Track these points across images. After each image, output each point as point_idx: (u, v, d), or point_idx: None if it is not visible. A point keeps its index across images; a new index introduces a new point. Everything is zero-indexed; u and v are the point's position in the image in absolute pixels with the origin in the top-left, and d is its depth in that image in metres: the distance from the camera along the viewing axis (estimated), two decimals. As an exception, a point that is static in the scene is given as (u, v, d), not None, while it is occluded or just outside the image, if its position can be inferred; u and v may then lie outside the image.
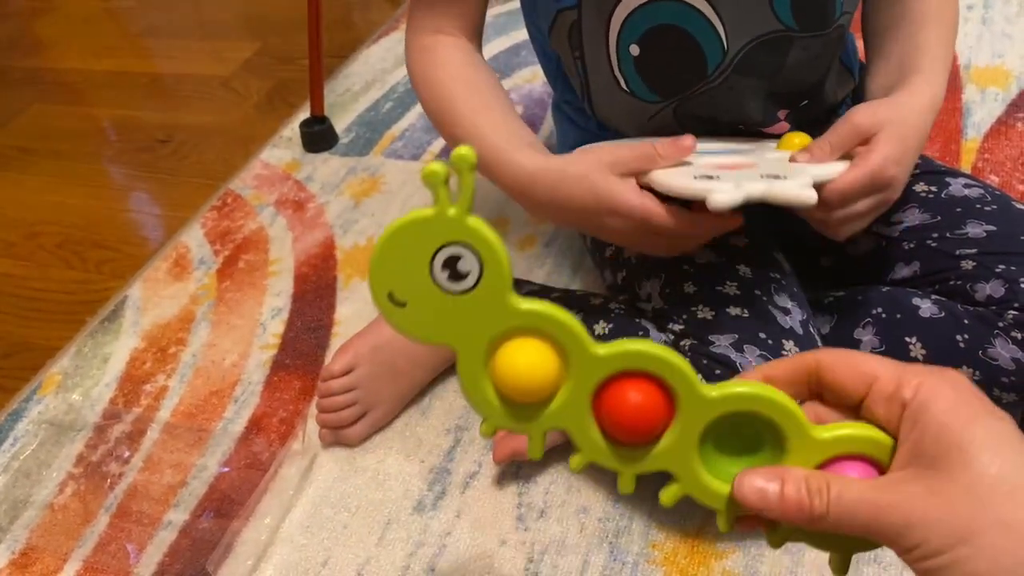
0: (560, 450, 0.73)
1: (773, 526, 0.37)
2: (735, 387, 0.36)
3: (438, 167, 0.33)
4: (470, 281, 0.35)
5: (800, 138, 0.62)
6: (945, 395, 0.32)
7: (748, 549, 0.65)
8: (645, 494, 0.70)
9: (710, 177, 0.53)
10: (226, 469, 0.77)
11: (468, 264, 0.35)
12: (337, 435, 0.77)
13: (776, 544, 0.37)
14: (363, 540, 0.70)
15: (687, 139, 0.57)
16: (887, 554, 0.63)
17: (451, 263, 0.35)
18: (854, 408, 0.35)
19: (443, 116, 0.67)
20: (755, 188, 0.50)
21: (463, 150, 0.33)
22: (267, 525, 0.71)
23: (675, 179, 0.54)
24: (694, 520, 0.67)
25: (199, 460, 0.79)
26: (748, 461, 0.37)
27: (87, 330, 0.96)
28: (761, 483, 0.34)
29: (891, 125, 0.56)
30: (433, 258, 0.35)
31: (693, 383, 0.36)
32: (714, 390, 0.36)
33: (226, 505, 0.74)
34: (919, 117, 0.58)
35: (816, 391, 0.37)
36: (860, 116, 0.57)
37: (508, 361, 0.36)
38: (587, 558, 0.66)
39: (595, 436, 0.37)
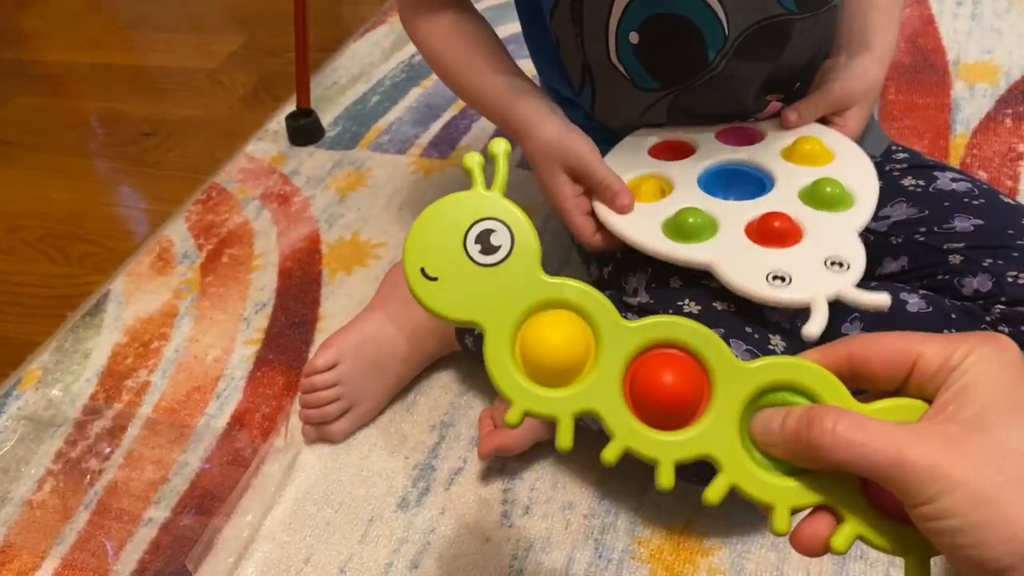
0: (545, 447, 0.72)
1: (838, 524, 0.33)
2: (772, 357, 0.34)
3: (475, 155, 0.38)
4: (502, 253, 0.36)
5: (812, 144, 0.62)
6: (987, 358, 0.30)
7: (734, 546, 0.65)
8: (630, 490, 0.69)
9: (782, 279, 0.54)
10: (208, 465, 0.76)
11: (500, 238, 0.37)
12: (320, 431, 0.76)
13: (841, 547, 0.33)
14: (346, 537, 0.69)
15: (626, 198, 0.62)
16: (874, 551, 0.62)
17: (484, 237, 0.37)
18: (893, 394, 0.33)
19: (455, 77, 0.73)
20: (833, 291, 0.53)
21: (498, 140, 0.38)
22: (249, 522, 0.71)
23: (744, 279, 0.55)
24: (680, 517, 0.67)
25: (181, 456, 0.78)
26: None
27: (68, 325, 0.95)
28: (768, 415, 0.33)
29: (863, 99, 0.66)
30: (467, 234, 0.37)
31: (727, 355, 0.34)
32: (748, 364, 0.34)
33: (207, 502, 0.73)
34: (878, 85, 0.68)
35: (849, 383, 0.34)
36: (842, 91, 0.65)
37: (539, 334, 0.36)
38: (572, 555, 0.66)
39: (629, 419, 0.35)
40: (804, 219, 0.57)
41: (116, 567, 0.70)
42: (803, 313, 0.54)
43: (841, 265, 0.54)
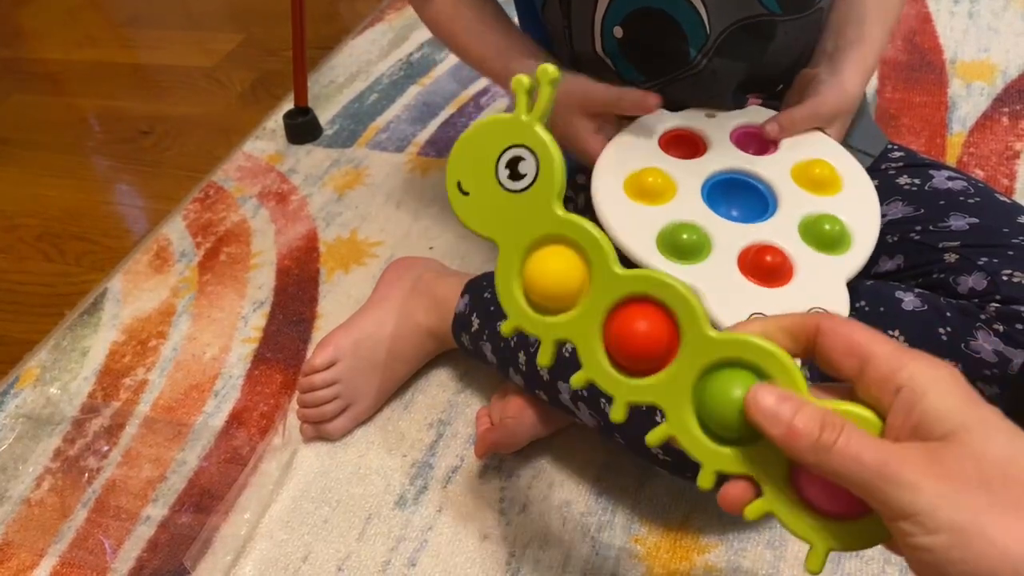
0: (542, 444, 0.72)
1: (757, 493, 0.36)
2: (740, 333, 0.36)
3: (524, 78, 0.39)
4: (526, 182, 0.40)
5: (822, 168, 0.62)
6: (943, 380, 0.31)
7: (731, 543, 0.65)
8: (627, 488, 0.69)
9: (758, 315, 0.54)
10: (206, 464, 0.76)
11: (527, 167, 0.39)
12: (318, 430, 0.76)
13: (751, 516, 0.36)
14: (344, 535, 0.70)
15: (653, 98, 0.62)
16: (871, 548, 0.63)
17: (513, 163, 0.40)
18: (847, 390, 0.35)
19: (460, 51, 0.75)
20: None
21: (547, 66, 0.38)
22: (246, 520, 0.71)
23: (728, 317, 0.54)
24: (676, 515, 0.67)
25: (178, 455, 0.78)
26: (739, 424, 0.36)
27: (66, 323, 0.95)
28: (775, 402, 0.33)
29: (844, 114, 0.65)
30: (500, 157, 0.40)
31: (701, 321, 0.36)
32: (720, 334, 0.36)
33: (205, 500, 0.73)
34: (860, 96, 0.67)
35: (811, 354, 0.36)
36: (827, 108, 0.64)
37: (540, 262, 0.39)
38: (569, 552, 0.66)
39: (600, 356, 0.38)
40: (798, 257, 0.58)
41: (114, 565, 0.70)
42: None
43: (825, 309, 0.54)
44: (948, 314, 0.61)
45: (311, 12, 1.14)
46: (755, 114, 0.67)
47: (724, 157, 0.64)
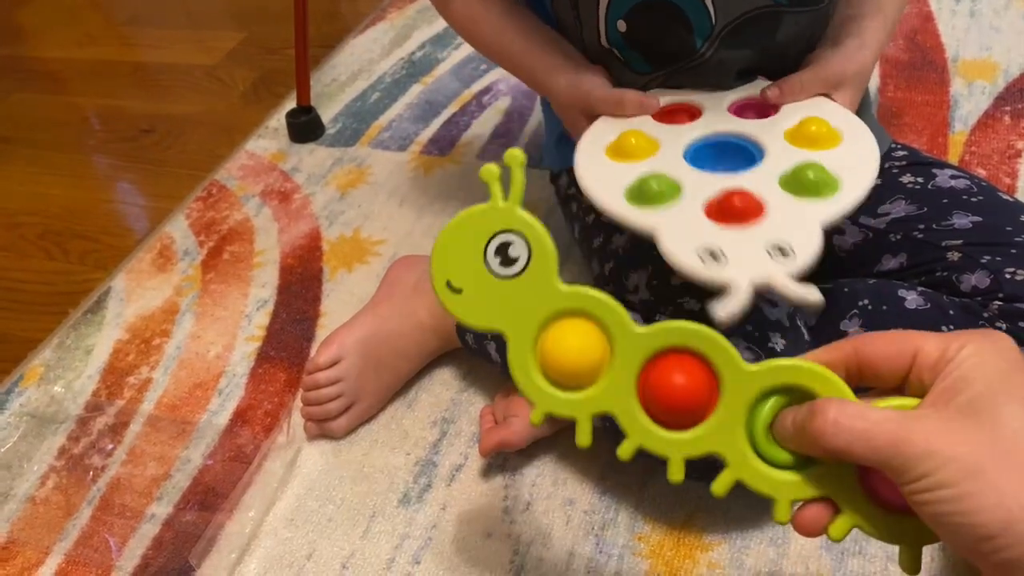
0: (546, 442, 0.73)
1: (835, 512, 0.36)
2: (776, 360, 0.36)
3: (493, 167, 0.39)
4: (519, 265, 0.39)
5: (818, 125, 0.58)
6: (987, 350, 0.32)
7: (734, 541, 0.65)
8: (631, 486, 0.70)
9: (715, 256, 0.50)
10: (210, 462, 0.77)
11: (518, 250, 0.39)
12: (322, 428, 0.76)
13: (838, 535, 0.35)
14: (348, 533, 0.70)
15: (653, 100, 0.62)
16: (872, 544, 0.63)
17: (503, 250, 0.39)
18: (896, 389, 0.35)
19: (489, 44, 0.75)
20: (761, 277, 0.48)
21: (514, 151, 0.38)
22: (251, 518, 0.71)
23: (677, 249, 0.51)
24: (680, 513, 0.67)
25: (183, 453, 0.78)
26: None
27: (70, 322, 0.95)
28: (782, 414, 0.34)
29: (852, 81, 0.63)
30: (487, 247, 0.39)
31: (735, 358, 0.36)
32: (756, 365, 0.36)
33: (210, 498, 0.74)
34: (870, 68, 0.65)
35: (855, 380, 0.36)
36: (831, 71, 0.62)
37: (557, 340, 0.39)
38: (573, 550, 0.66)
39: (642, 419, 0.38)
40: (772, 201, 0.53)
41: (119, 563, 0.70)
42: (803, 310, 0.53)
43: (784, 253, 0.49)
44: (951, 312, 0.61)
45: (313, 10, 1.14)
46: (759, 87, 0.65)
47: (715, 123, 0.62)
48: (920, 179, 0.69)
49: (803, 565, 0.63)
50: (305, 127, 1.17)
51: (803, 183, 0.53)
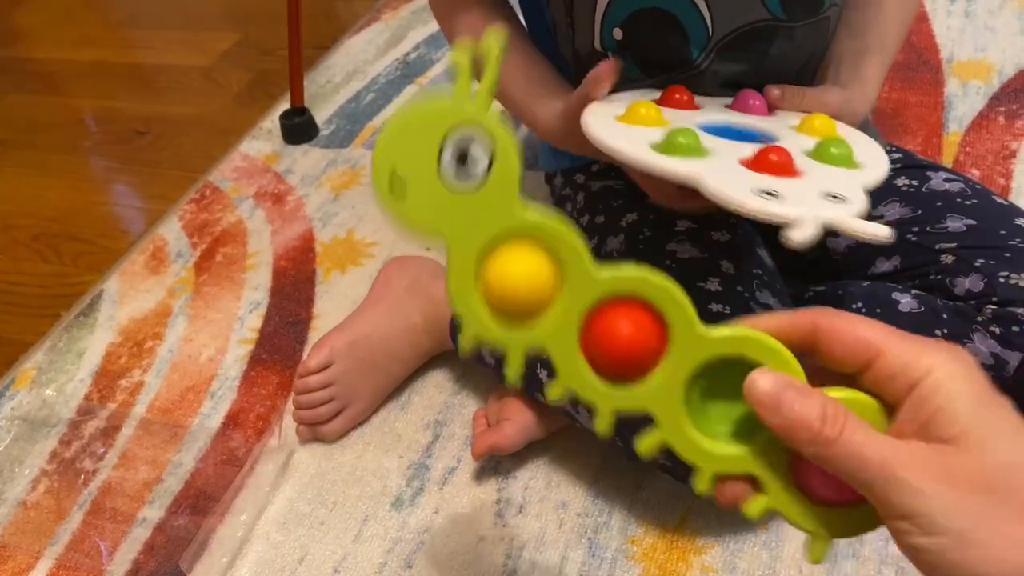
0: (539, 445, 0.72)
1: (757, 491, 0.34)
2: (734, 329, 0.34)
3: (466, 48, 0.33)
4: (478, 172, 0.34)
5: (822, 121, 0.57)
6: (958, 377, 0.31)
7: (727, 544, 0.65)
8: (624, 489, 0.69)
9: (770, 194, 0.46)
10: (202, 465, 0.76)
11: (478, 154, 0.34)
12: (314, 431, 0.76)
13: (752, 514, 0.34)
14: (340, 537, 0.69)
15: (603, 67, 0.56)
16: (865, 547, 0.63)
17: (461, 150, 0.34)
18: (846, 376, 0.33)
19: None
20: (828, 215, 0.44)
21: (495, 31, 0.33)
22: (243, 522, 0.71)
23: (731, 190, 0.46)
24: (673, 516, 0.67)
25: (175, 456, 0.78)
26: (733, 422, 0.35)
27: (62, 324, 0.95)
28: (774, 388, 0.31)
29: (851, 113, 0.61)
30: (444, 143, 0.33)
31: (691, 318, 0.34)
32: (712, 330, 0.34)
33: (202, 502, 0.73)
34: (864, 114, 0.64)
35: (808, 353, 0.34)
36: (833, 101, 0.61)
37: (503, 265, 0.34)
38: (566, 554, 0.66)
39: (579, 363, 0.35)
40: (805, 166, 0.50)
41: (110, 568, 0.70)
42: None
43: (839, 199, 0.46)
44: (945, 316, 0.61)
45: (307, 11, 1.14)
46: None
47: (718, 114, 0.60)
48: (914, 182, 0.69)
49: (796, 568, 0.63)
50: (299, 128, 1.16)
51: (829, 156, 0.51)
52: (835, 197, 0.47)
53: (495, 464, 0.73)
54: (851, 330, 0.33)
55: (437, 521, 0.69)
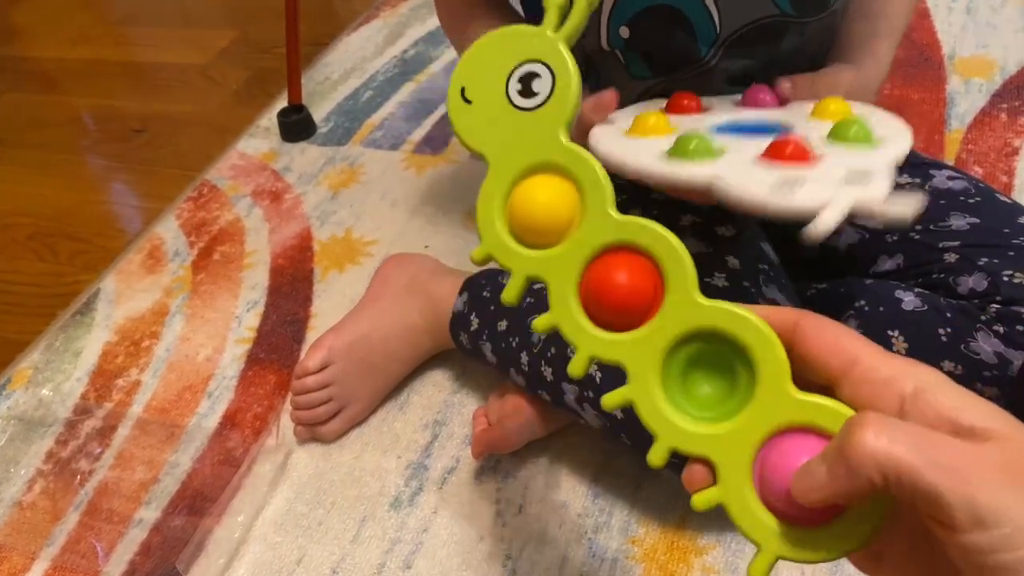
0: (539, 445, 0.72)
1: (710, 485, 0.32)
2: (729, 304, 0.33)
3: None
4: (537, 101, 0.37)
5: (836, 104, 0.55)
6: (950, 384, 0.29)
7: (728, 545, 0.64)
8: (624, 489, 0.69)
9: (790, 186, 0.44)
10: (199, 466, 0.76)
11: (542, 86, 0.36)
12: (312, 431, 0.75)
13: (698, 505, 0.32)
14: (338, 537, 0.69)
15: (607, 96, 0.55)
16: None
17: (527, 80, 0.37)
18: (819, 384, 0.31)
19: None
20: (852, 199, 0.42)
21: None
22: (240, 523, 0.70)
23: (749, 188, 0.45)
24: (674, 516, 0.66)
25: (172, 456, 0.77)
26: (708, 406, 0.34)
27: (58, 323, 0.94)
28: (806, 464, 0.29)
29: (862, 93, 0.61)
30: (515, 71, 0.37)
31: (690, 281, 0.33)
32: (706, 300, 0.33)
33: (199, 502, 0.73)
34: (880, 81, 0.65)
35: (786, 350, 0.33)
36: (845, 80, 0.61)
37: (530, 190, 0.36)
38: (566, 554, 0.65)
39: (571, 300, 0.35)
40: (823, 151, 0.48)
41: (106, 569, 0.69)
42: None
43: (861, 182, 0.44)
44: (948, 315, 0.60)
45: (305, 9, 1.13)
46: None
47: (728, 114, 0.58)
48: (917, 180, 0.68)
49: (798, 569, 0.62)
50: (296, 126, 1.16)
51: (848, 136, 0.50)
52: (859, 176, 0.45)
53: (494, 464, 0.72)
54: (832, 334, 0.31)
55: (436, 521, 0.69)
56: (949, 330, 0.60)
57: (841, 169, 0.46)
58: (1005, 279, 0.59)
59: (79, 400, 0.85)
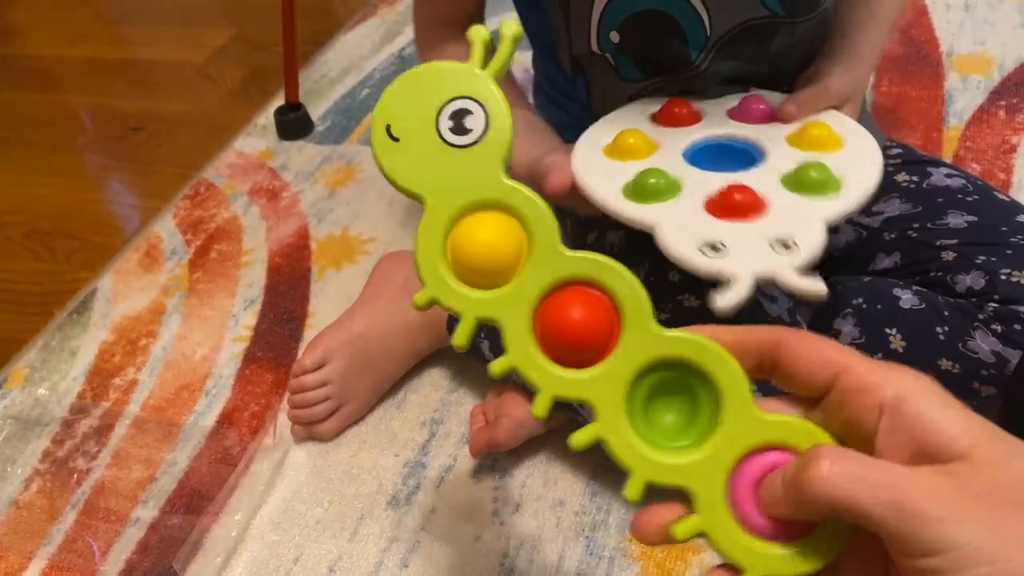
0: (536, 443, 0.72)
1: (688, 514, 0.32)
2: (686, 332, 0.33)
3: (483, 29, 0.36)
4: (470, 138, 0.35)
5: (820, 129, 0.58)
6: (934, 395, 0.28)
7: (726, 543, 0.64)
8: (621, 487, 0.68)
9: (716, 248, 0.49)
10: (196, 464, 0.76)
11: (475, 122, 0.35)
12: (310, 430, 0.75)
13: (679, 535, 0.32)
14: (336, 536, 0.69)
15: (563, 179, 0.57)
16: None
17: (459, 116, 0.35)
18: (809, 403, 0.32)
19: None
20: (765, 269, 0.46)
21: (510, 21, 0.35)
22: (237, 521, 0.70)
23: (679, 245, 0.49)
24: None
25: (169, 455, 0.77)
26: (676, 432, 0.34)
27: (55, 323, 0.94)
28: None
29: (853, 94, 0.62)
30: (444, 107, 0.35)
31: (646, 316, 0.33)
32: (664, 330, 0.33)
33: (196, 501, 0.73)
34: (867, 82, 0.66)
35: (767, 371, 0.33)
36: (836, 86, 0.61)
37: (472, 228, 0.35)
38: (563, 552, 0.65)
39: (527, 339, 0.34)
40: (773, 199, 0.52)
41: (103, 568, 0.69)
42: (811, 314, 0.51)
43: (787, 247, 0.48)
44: (946, 313, 0.60)
45: (302, 7, 1.13)
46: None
47: (715, 126, 0.61)
48: (915, 178, 0.68)
49: (796, 567, 0.62)
50: (294, 124, 1.15)
51: (805, 181, 0.52)
52: (784, 244, 0.48)
53: (492, 462, 0.72)
54: (816, 347, 0.31)
55: (433, 520, 0.69)
56: (947, 328, 0.60)
57: (772, 232, 0.49)
58: (1003, 277, 0.59)
59: (76, 399, 0.84)
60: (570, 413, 0.68)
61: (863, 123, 0.71)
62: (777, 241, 0.48)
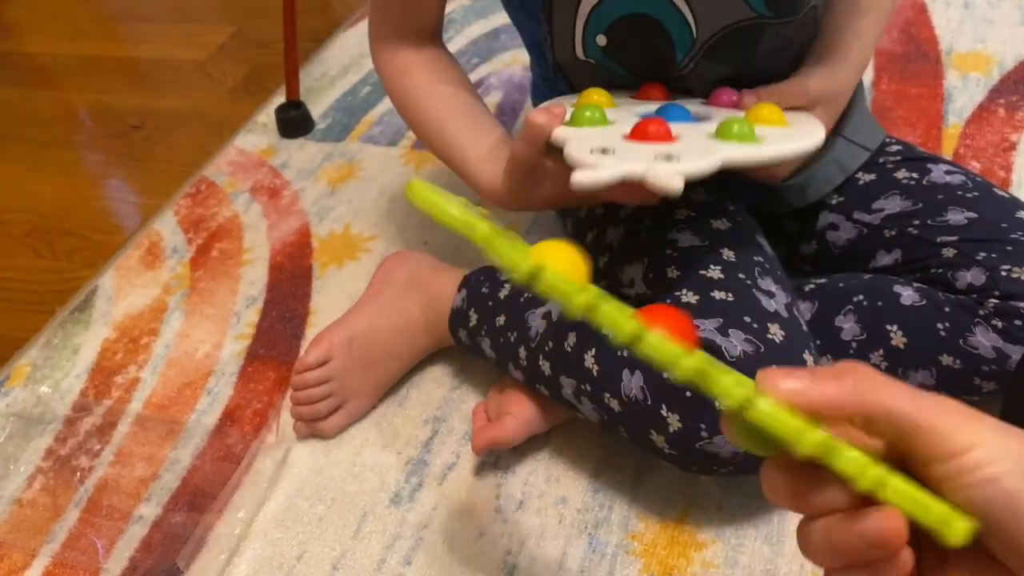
0: (539, 440, 0.72)
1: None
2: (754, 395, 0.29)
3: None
4: None
5: (769, 110, 0.58)
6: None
7: (728, 540, 0.64)
8: (624, 484, 0.69)
9: (604, 152, 0.51)
10: (199, 462, 0.76)
11: None
12: (312, 428, 0.75)
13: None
14: (339, 533, 0.69)
15: (558, 109, 0.57)
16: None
17: None
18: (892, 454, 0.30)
19: (414, 127, 0.72)
20: (627, 168, 0.48)
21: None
22: (240, 519, 0.70)
23: (576, 150, 0.52)
24: (674, 511, 0.67)
25: (171, 453, 0.77)
26: None
27: (57, 320, 0.94)
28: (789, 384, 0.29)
29: (831, 96, 0.63)
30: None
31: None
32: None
33: (199, 498, 0.73)
34: (850, 87, 0.66)
35: (866, 430, 0.30)
36: (814, 85, 0.62)
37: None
38: (566, 549, 0.65)
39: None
40: (687, 136, 0.54)
41: (106, 565, 0.69)
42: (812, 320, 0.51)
43: (669, 159, 0.49)
44: (947, 309, 0.60)
45: (303, 4, 1.13)
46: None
47: (680, 103, 0.62)
48: (915, 174, 0.69)
49: (798, 563, 0.62)
50: (294, 122, 1.15)
51: (724, 131, 0.54)
52: (667, 157, 0.50)
53: (494, 459, 0.72)
54: (885, 395, 0.29)
55: (436, 517, 0.69)
56: (948, 325, 0.60)
57: (666, 149, 0.51)
58: (1003, 274, 0.59)
59: (78, 397, 0.84)
60: (572, 412, 0.68)
61: (863, 122, 0.72)
62: (664, 156, 0.50)
